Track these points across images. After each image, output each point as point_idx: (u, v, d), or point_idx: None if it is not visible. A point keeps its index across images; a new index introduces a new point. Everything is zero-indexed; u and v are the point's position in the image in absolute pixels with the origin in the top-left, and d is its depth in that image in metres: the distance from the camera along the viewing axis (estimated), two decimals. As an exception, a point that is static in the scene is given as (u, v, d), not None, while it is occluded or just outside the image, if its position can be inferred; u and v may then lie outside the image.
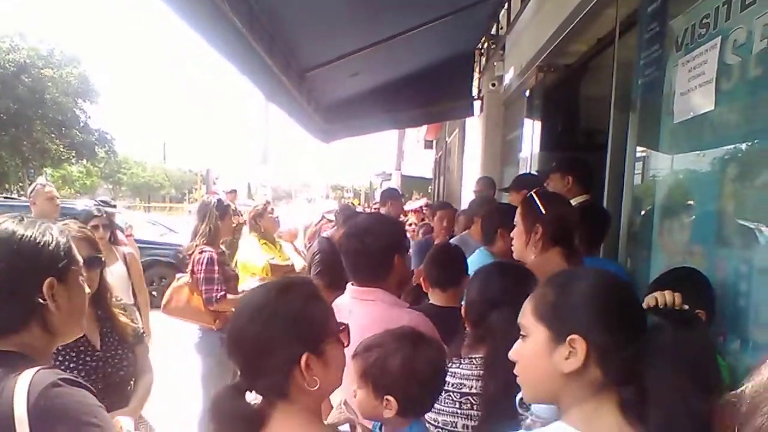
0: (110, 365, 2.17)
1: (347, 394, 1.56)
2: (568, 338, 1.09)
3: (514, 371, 1.20)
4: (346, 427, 1.50)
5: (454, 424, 1.69)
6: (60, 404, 1.14)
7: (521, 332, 1.19)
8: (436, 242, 4.26)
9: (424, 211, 9.01)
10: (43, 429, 1.11)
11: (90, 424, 1.15)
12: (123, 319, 2.27)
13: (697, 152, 2.48)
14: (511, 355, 1.19)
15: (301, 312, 1.19)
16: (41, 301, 1.23)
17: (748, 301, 2.04)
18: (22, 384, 1.12)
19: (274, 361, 1.15)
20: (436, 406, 1.64)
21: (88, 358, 2.10)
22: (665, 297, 1.30)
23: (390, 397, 1.46)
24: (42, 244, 1.26)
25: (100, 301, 2.21)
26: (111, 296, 2.29)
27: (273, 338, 1.16)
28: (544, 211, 2.19)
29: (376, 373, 1.48)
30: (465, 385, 1.66)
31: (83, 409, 1.16)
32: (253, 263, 4.49)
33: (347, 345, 1.30)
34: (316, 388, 1.16)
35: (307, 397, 1.18)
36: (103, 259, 2.28)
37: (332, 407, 1.61)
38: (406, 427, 1.49)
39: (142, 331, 2.39)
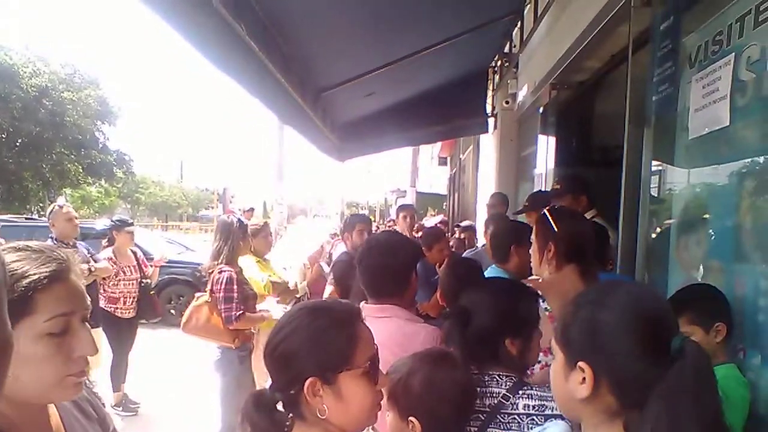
0: None
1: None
2: (578, 364, 1.06)
3: None
4: None
5: None
6: None
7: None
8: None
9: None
10: None
11: None
12: None
13: (713, 167, 2.48)
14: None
15: (321, 334, 1.18)
16: None
17: (767, 317, 2.03)
18: None
19: (286, 377, 1.17)
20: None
21: None
22: None
23: (413, 419, 1.45)
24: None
25: None
26: None
27: (289, 352, 1.17)
28: (556, 229, 2.20)
29: (399, 393, 1.47)
30: None
31: None
32: (255, 281, 4.51)
33: (376, 383, 1.24)
34: (325, 416, 1.15)
35: (325, 423, 1.16)
36: None
37: None
38: None
39: None
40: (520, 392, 1.58)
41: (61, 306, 1.05)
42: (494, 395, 1.58)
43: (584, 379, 1.05)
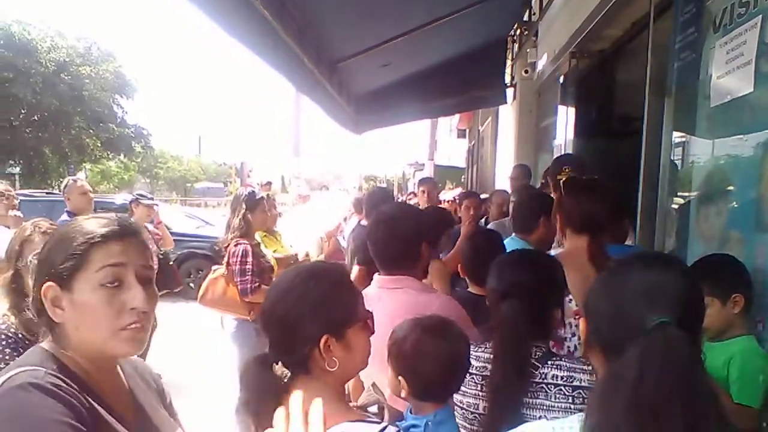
0: None
1: (378, 379, 1.60)
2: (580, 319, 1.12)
3: None
4: (375, 408, 1.56)
5: (476, 407, 1.70)
6: (4, 408, 1.02)
7: None
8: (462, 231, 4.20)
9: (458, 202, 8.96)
10: None
11: None
12: None
13: (735, 136, 2.42)
14: None
15: (326, 296, 1.25)
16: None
17: (788, 288, 2.00)
18: None
19: (297, 339, 1.22)
20: (462, 387, 1.66)
21: None
22: None
23: (401, 378, 1.54)
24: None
25: None
26: None
27: (298, 318, 1.23)
28: (566, 200, 2.18)
29: (393, 353, 1.56)
30: (487, 369, 1.66)
31: (25, 421, 1.01)
32: None
33: (373, 333, 1.34)
34: (335, 368, 1.22)
35: (329, 375, 1.23)
36: None
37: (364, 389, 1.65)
38: (432, 412, 1.52)
39: None
40: (549, 363, 1.60)
41: (111, 257, 1.16)
42: None
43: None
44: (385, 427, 1.17)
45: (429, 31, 4.94)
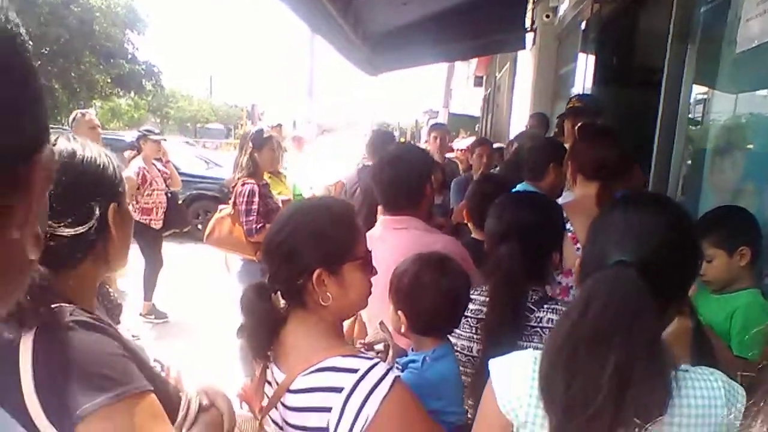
0: None
1: (384, 318, 1.60)
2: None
3: None
4: (381, 346, 1.55)
5: (470, 349, 1.71)
6: (64, 352, 0.98)
7: None
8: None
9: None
10: (47, 381, 0.96)
11: (101, 376, 0.98)
12: None
13: (758, 86, 2.33)
14: None
15: (324, 229, 1.25)
16: (107, 226, 1.12)
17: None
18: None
19: (291, 270, 1.23)
20: (456, 330, 1.66)
21: None
22: None
23: (400, 312, 1.53)
24: (103, 166, 1.13)
25: None
26: None
27: (293, 248, 1.23)
28: (579, 145, 2.16)
29: (393, 287, 1.55)
30: (482, 312, 1.66)
31: (92, 359, 0.99)
32: None
33: (374, 273, 1.32)
34: (328, 303, 1.22)
35: (324, 310, 1.23)
36: None
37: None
38: (431, 348, 1.52)
39: None
40: (545, 306, 1.59)
41: None
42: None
43: None
44: (376, 363, 1.17)
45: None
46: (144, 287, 5.60)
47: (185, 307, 5.97)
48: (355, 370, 1.14)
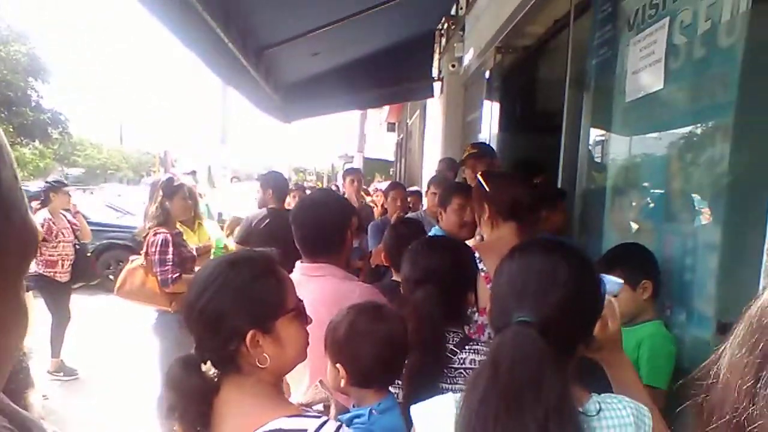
0: None
1: (323, 373, 1.56)
2: None
3: None
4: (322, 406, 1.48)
5: (396, 396, 1.71)
6: None
7: None
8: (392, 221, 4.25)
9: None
10: None
11: None
12: None
13: (647, 131, 2.54)
14: None
15: (249, 287, 1.17)
16: None
17: (693, 275, 2.11)
18: None
19: (220, 337, 1.14)
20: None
21: None
22: None
23: (339, 365, 1.47)
24: None
25: None
26: None
27: (220, 312, 1.15)
28: (491, 189, 2.24)
29: (329, 341, 1.50)
30: None
31: None
32: None
33: (308, 322, 1.27)
34: (266, 364, 1.15)
35: (262, 371, 1.16)
36: None
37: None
38: (375, 401, 1.47)
39: None
40: (467, 347, 1.62)
41: None
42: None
43: None
44: (325, 422, 1.12)
45: (358, 21, 4.91)
46: (51, 343, 5.31)
47: (96, 363, 5.64)
48: (304, 431, 1.09)
